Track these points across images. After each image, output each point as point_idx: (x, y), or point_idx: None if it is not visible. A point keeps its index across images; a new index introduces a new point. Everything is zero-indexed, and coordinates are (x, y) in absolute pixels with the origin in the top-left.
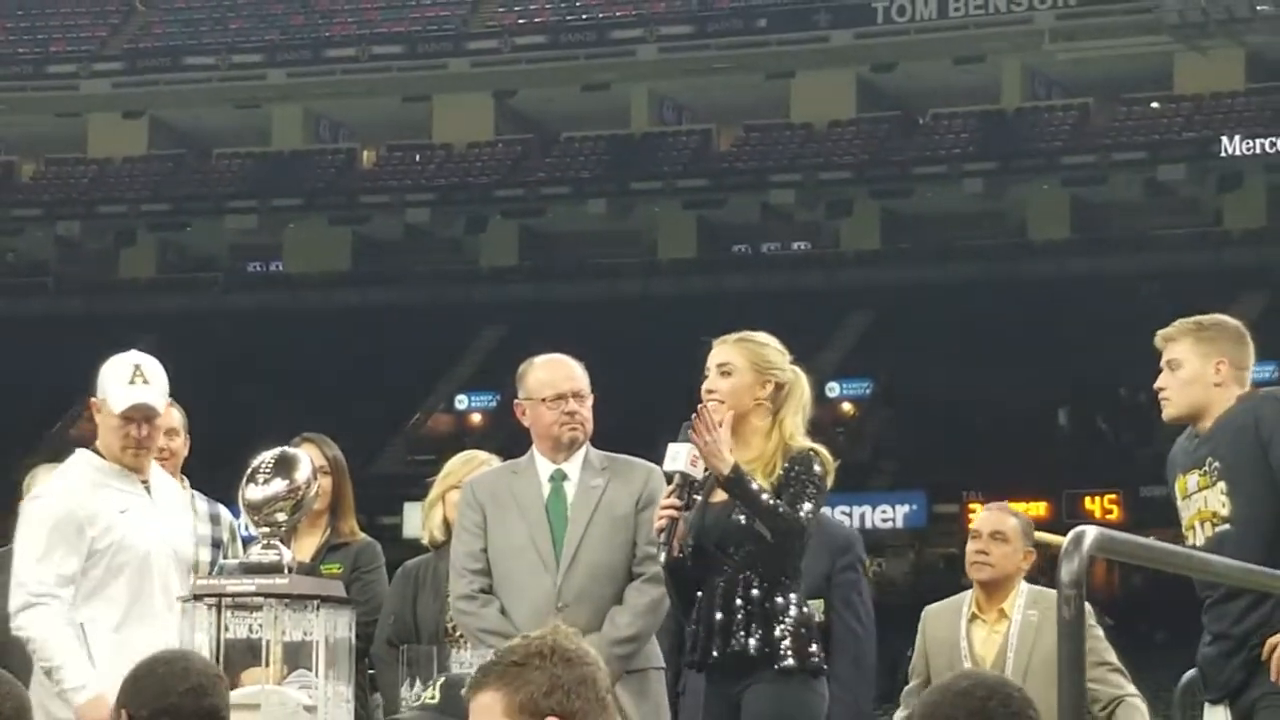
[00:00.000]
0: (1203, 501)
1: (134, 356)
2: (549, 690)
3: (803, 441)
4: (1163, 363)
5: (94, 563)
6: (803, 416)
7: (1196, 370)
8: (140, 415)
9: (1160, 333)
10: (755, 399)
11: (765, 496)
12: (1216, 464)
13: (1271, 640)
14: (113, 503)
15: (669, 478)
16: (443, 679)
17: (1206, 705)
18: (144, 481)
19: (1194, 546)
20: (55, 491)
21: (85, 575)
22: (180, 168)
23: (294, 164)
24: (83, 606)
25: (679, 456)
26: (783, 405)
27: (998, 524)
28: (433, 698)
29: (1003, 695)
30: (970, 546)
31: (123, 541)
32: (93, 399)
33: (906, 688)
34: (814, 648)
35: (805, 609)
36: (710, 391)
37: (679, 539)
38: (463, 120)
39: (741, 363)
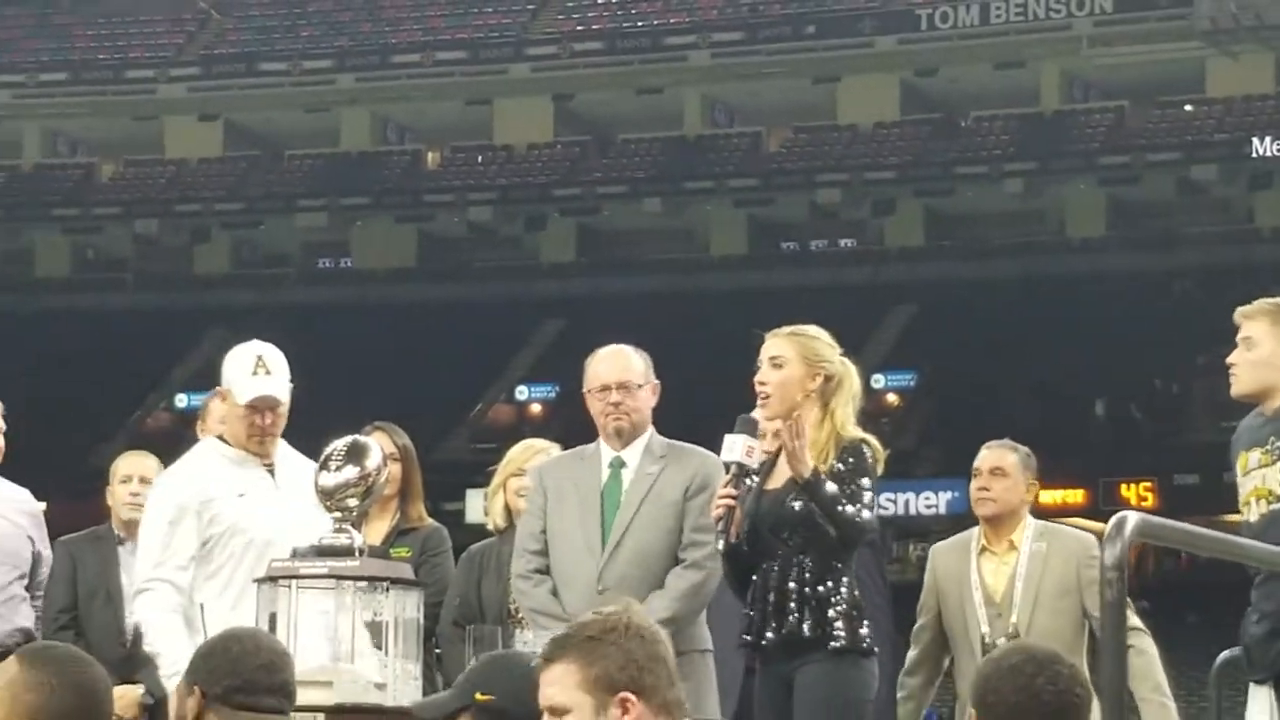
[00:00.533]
0: (1261, 479)
1: (256, 347)
2: (623, 665)
3: (854, 432)
4: (1238, 339)
5: (211, 546)
6: (853, 407)
7: (1269, 351)
8: (265, 405)
9: (1240, 309)
10: (806, 391)
11: (840, 505)
12: (1279, 443)
13: None
14: (232, 487)
15: (726, 468)
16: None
17: (1251, 685)
18: (268, 465)
19: (1247, 522)
20: (174, 478)
21: (205, 558)
22: (253, 168)
23: (362, 165)
24: (202, 587)
25: (735, 447)
26: (833, 396)
27: (997, 460)
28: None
29: (1050, 673)
30: (973, 484)
31: (237, 525)
32: (219, 388)
33: (916, 625)
34: (864, 629)
35: (856, 591)
36: (762, 383)
37: (735, 526)
38: (523, 123)
39: (793, 355)
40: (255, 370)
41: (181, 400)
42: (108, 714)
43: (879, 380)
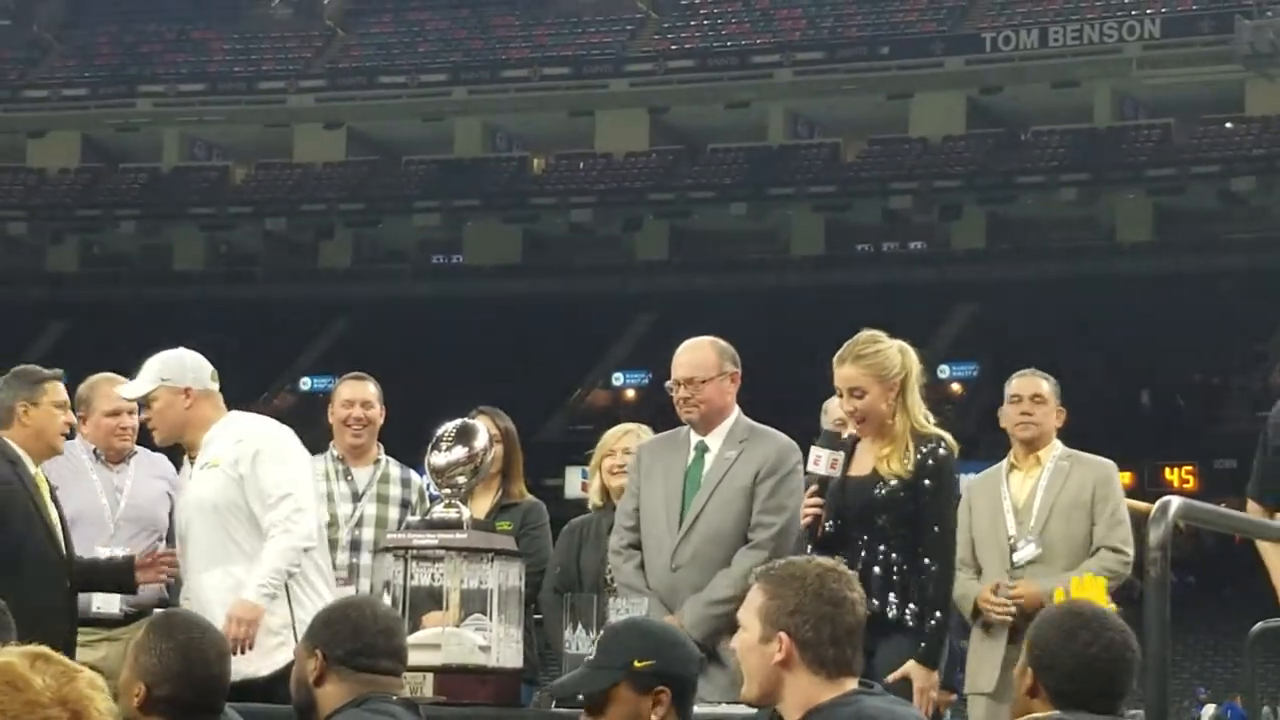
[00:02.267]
0: None
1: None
2: (793, 610)
3: (928, 426)
4: None
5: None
6: (919, 390)
7: None
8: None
9: None
10: (889, 405)
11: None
12: None
13: None
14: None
15: (809, 481)
16: (603, 631)
17: None
18: None
19: None
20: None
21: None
22: (374, 172)
23: (473, 170)
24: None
25: (821, 460)
26: (908, 392)
27: (1035, 388)
28: (589, 653)
29: (1105, 639)
30: (1013, 409)
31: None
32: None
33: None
34: (939, 612)
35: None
36: (852, 412)
37: (820, 526)
38: (621, 133)
39: (868, 381)
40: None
41: (306, 383)
42: (217, 676)
43: (944, 371)
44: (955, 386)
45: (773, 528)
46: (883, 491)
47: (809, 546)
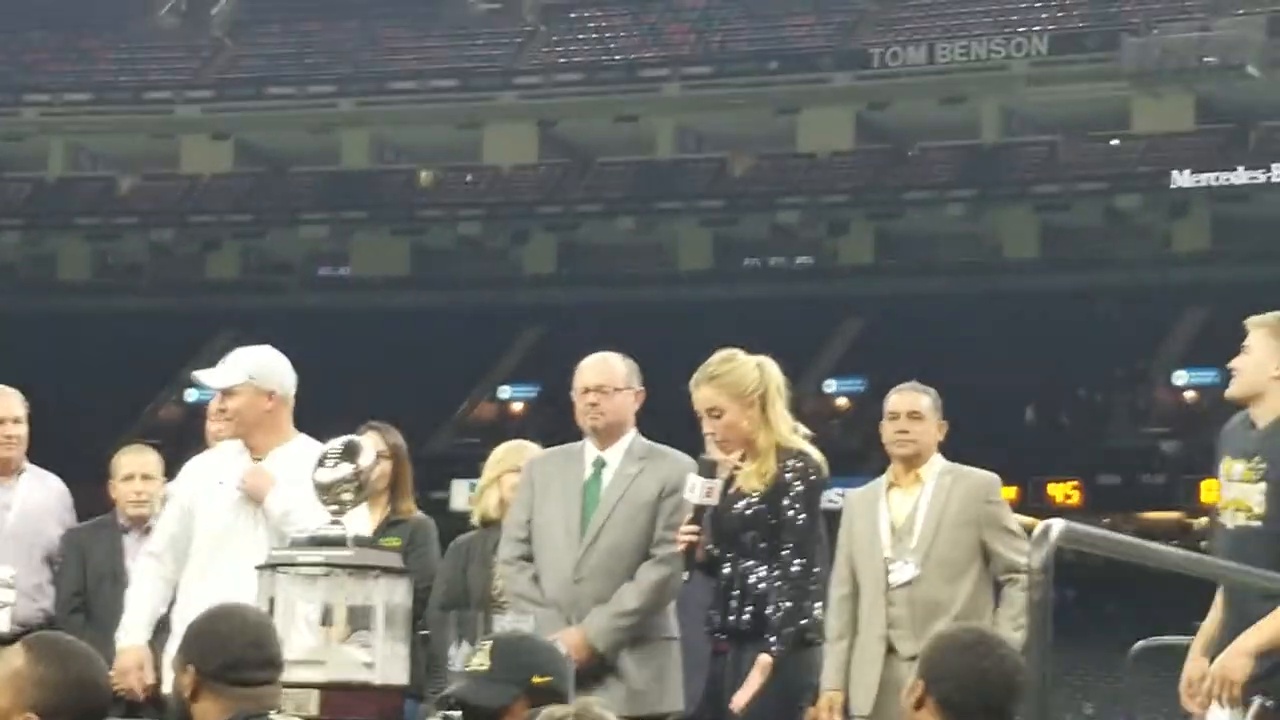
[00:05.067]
0: (1241, 492)
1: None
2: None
3: (793, 439)
4: (1244, 344)
5: (189, 532)
6: (783, 402)
7: (1260, 360)
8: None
9: (1249, 319)
10: (749, 420)
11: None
12: (1264, 466)
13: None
14: (214, 478)
15: (690, 508)
16: (490, 643)
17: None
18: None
19: (1224, 527)
20: (185, 469)
21: (187, 543)
22: (261, 184)
23: (361, 182)
24: (183, 570)
25: (696, 489)
26: (769, 406)
27: (912, 404)
28: (482, 664)
29: (997, 656)
30: (890, 427)
31: (201, 514)
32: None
33: (837, 562)
34: (805, 621)
35: (811, 584)
36: (710, 432)
37: (700, 550)
38: (509, 146)
39: (724, 400)
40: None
41: (191, 395)
42: (104, 705)
43: (831, 385)
44: (842, 401)
45: (675, 545)
46: (747, 509)
47: (686, 573)
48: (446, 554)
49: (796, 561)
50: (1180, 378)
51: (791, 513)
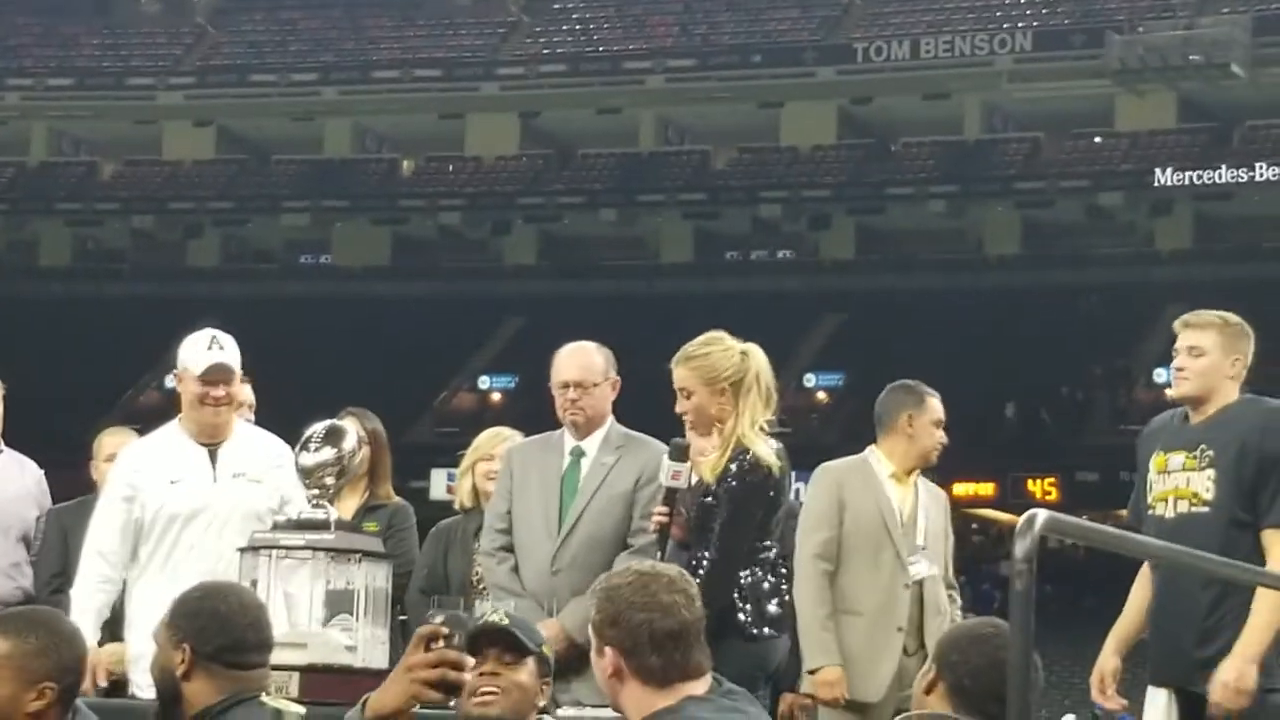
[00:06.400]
0: (1185, 481)
1: (210, 330)
2: (613, 622)
3: (750, 435)
4: (1182, 345)
5: (141, 528)
6: (757, 395)
7: (1216, 361)
8: (218, 376)
9: (1188, 320)
10: (718, 405)
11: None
12: (1210, 452)
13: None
14: (167, 473)
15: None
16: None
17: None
18: (212, 447)
19: (1162, 518)
20: (124, 458)
21: (139, 539)
22: (243, 171)
23: (343, 171)
24: (135, 566)
25: (665, 471)
26: (743, 396)
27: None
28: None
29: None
30: (938, 432)
31: (162, 509)
32: (175, 371)
33: (823, 538)
34: (771, 609)
35: (755, 578)
36: (683, 413)
37: (679, 532)
38: (492, 136)
39: (695, 383)
40: (210, 346)
41: (171, 381)
42: (85, 657)
43: (810, 379)
44: (821, 395)
45: (653, 534)
46: (704, 496)
47: (659, 555)
48: (426, 539)
49: (707, 557)
50: (1161, 375)
51: (719, 510)
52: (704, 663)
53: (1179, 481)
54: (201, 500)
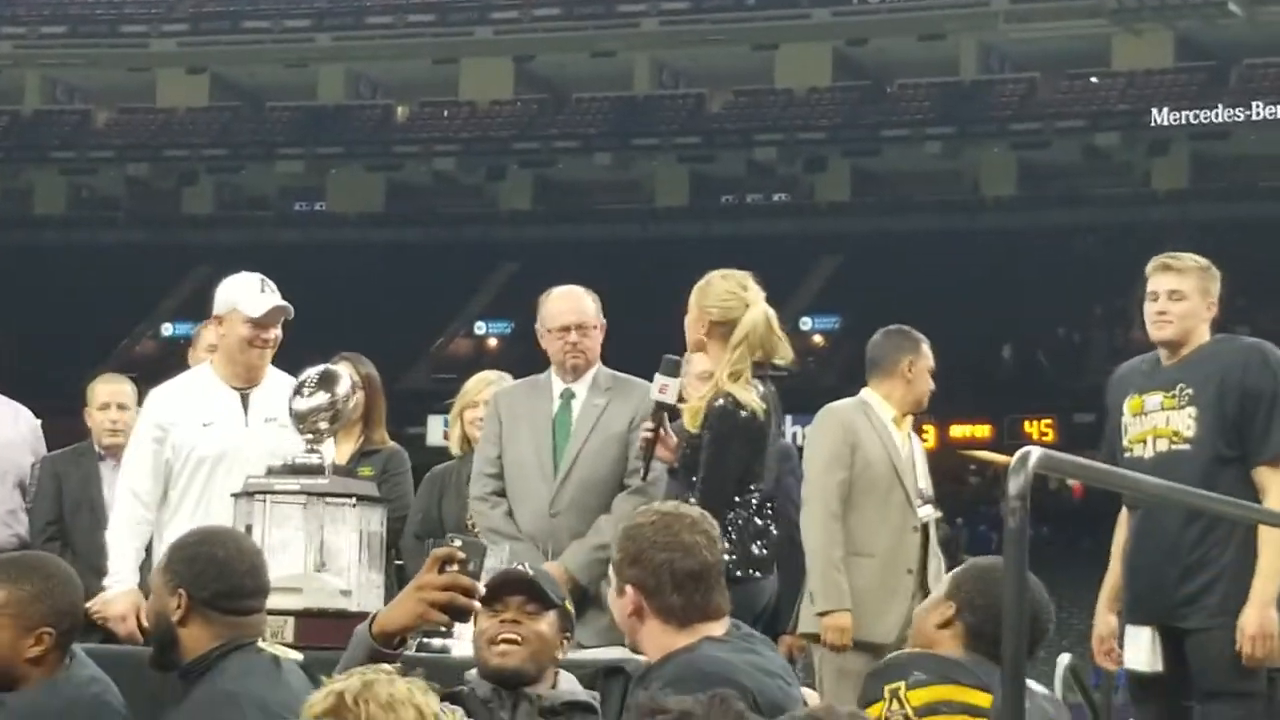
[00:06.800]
0: (1164, 420)
1: (255, 274)
2: (634, 561)
3: (728, 384)
4: (1161, 288)
5: (173, 470)
6: (745, 350)
7: (1195, 305)
8: (272, 320)
9: (1167, 262)
10: (697, 335)
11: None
12: (1189, 391)
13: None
14: (199, 416)
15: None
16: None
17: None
18: (245, 391)
19: (1141, 458)
20: (154, 398)
21: (170, 481)
22: (237, 118)
23: (337, 117)
24: (166, 509)
25: (653, 386)
26: (729, 344)
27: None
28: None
29: (1031, 590)
30: (930, 376)
31: (195, 451)
32: (215, 314)
33: (838, 479)
34: (756, 551)
35: (742, 520)
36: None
37: (671, 453)
38: (486, 81)
39: (691, 302)
40: (262, 290)
41: (167, 329)
42: (82, 603)
43: (807, 323)
44: (817, 339)
45: (650, 473)
46: (686, 448)
47: (642, 472)
48: (421, 484)
49: (692, 499)
50: None
51: (705, 455)
52: (723, 604)
53: (1158, 421)
54: (232, 443)
